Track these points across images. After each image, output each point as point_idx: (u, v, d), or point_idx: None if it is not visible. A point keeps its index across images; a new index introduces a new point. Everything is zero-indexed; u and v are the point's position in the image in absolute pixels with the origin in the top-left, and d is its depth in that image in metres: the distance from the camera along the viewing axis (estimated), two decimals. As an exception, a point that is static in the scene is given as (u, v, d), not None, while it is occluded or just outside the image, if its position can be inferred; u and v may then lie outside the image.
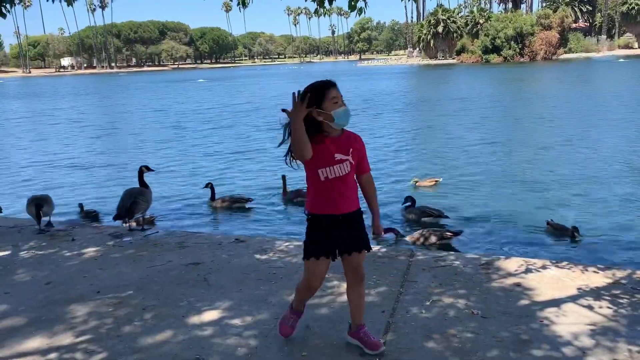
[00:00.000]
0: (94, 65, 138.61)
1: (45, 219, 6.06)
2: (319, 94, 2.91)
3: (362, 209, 3.16)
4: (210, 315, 3.79)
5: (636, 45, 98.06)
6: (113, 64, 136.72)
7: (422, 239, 6.68)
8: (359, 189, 3.17)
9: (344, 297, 3.66)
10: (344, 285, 3.40)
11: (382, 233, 3.24)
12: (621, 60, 67.96)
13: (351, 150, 3.03)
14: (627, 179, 9.90)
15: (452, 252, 5.18)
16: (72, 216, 8.28)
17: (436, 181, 9.85)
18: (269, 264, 4.74)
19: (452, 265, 4.59)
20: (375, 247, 5.15)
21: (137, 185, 6.49)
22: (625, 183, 9.65)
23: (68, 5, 5.20)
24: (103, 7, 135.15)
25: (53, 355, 3.30)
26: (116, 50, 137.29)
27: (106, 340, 3.46)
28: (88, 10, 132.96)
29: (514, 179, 10.33)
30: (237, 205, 8.83)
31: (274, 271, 4.57)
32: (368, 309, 3.75)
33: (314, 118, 2.91)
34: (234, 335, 3.48)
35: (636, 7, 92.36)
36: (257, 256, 4.97)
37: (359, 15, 5.16)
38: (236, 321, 3.68)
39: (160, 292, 4.21)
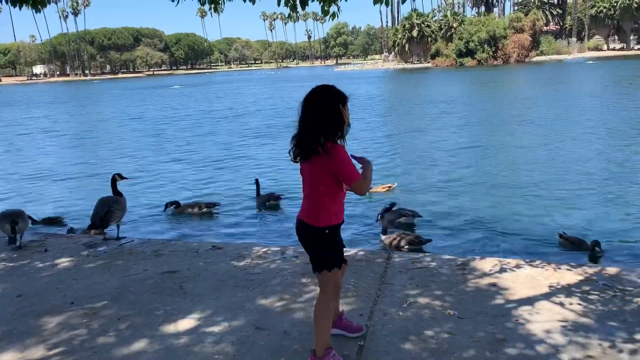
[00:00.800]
0: (67, 72, 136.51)
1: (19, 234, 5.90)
2: (345, 100, 2.94)
3: None
4: (187, 323, 3.75)
5: (605, 47, 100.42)
6: (87, 72, 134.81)
7: (395, 242, 6.74)
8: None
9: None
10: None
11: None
12: (590, 62, 69.46)
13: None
14: (598, 178, 10.11)
15: (429, 254, 5.22)
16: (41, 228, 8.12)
17: (390, 187, 9.89)
18: (247, 271, 4.72)
19: (428, 267, 4.63)
20: (353, 251, 5.18)
21: (111, 194, 6.40)
22: (596, 181, 9.85)
23: (36, 12, 5.10)
24: (75, 14, 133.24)
25: (25, 369, 3.24)
26: (90, 58, 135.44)
27: (80, 352, 3.40)
28: (60, 17, 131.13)
29: (488, 180, 10.47)
30: (204, 211, 8.78)
31: (251, 278, 4.54)
32: (347, 311, 3.76)
33: (346, 120, 2.94)
34: (211, 344, 3.45)
35: (604, 10, 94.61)
36: (235, 263, 4.94)
37: (332, 19, 5.18)
38: (213, 329, 3.65)
39: (136, 302, 4.15)
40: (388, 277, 4.44)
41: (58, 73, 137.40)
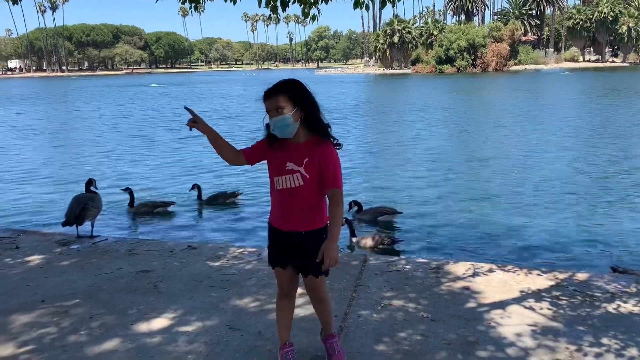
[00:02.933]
0: (44, 68, 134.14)
1: None
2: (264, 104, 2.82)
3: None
4: (160, 323, 3.72)
5: (581, 58, 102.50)
6: (64, 67, 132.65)
7: (366, 242, 6.79)
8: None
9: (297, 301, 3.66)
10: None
11: (334, 264, 2.78)
12: (567, 72, 70.84)
13: (306, 160, 2.78)
14: (570, 184, 10.31)
15: (404, 257, 5.27)
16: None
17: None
18: (222, 271, 4.70)
19: (403, 270, 4.67)
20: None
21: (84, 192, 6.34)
22: (569, 187, 10.05)
23: (13, 4, 5.01)
24: (54, 9, 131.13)
25: (-8, 367, 3.18)
26: (67, 54, 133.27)
27: (50, 351, 3.35)
28: (37, 11, 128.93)
29: (462, 185, 10.60)
30: (158, 210, 8.72)
31: (227, 278, 4.53)
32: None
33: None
34: (184, 343, 3.43)
35: (581, 22, 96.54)
36: (210, 263, 4.92)
37: (312, 22, 5.22)
38: (186, 329, 3.63)
39: (109, 301, 4.10)
40: (363, 279, 4.47)
41: (34, 68, 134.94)
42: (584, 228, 7.64)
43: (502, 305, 3.94)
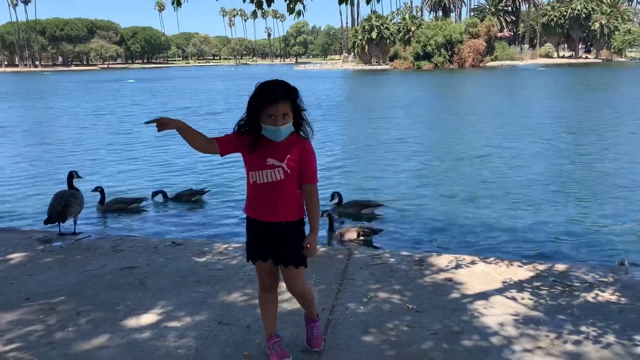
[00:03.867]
0: (16, 63, 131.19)
1: None
2: (259, 105, 2.79)
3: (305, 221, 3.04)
4: (148, 318, 3.73)
5: (555, 54, 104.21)
6: (37, 63, 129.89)
7: (347, 234, 6.88)
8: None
9: (284, 296, 3.71)
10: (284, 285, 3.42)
11: (314, 253, 2.99)
12: (542, 68, 71.97)
13: (288, 156, 2.86)
14: (550, 177, 10.53)
15: (388, 250, 5.35)
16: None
17: None
18: (208, 267, 4.71)
19: (387, 263, 4.75)
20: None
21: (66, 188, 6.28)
22: (549, 180, 10.26)
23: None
24: (26, 2, 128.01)
25: (-21, 365, 3.15)
26: (41, 48, 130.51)
27: (37, 348, 3.34)
28: (9, 4, 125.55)
29: (443, 179, 10.75)
30: (132, 206, 8.72)
31: (213, 273, 4.54)
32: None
33: (258, 120, 2.81)
34: (174, 338, 3.45)
35: (555, 19, 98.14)
36: (195, 259, 4.93)
37: (297, 17, 5.24)
38: (175, 324, 3.65)
39: (95, 297, 4.09)
40: (349, 273, 4.53)
41: (6, 63, 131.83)
42: (563, 221, 7.83)
43: (485, 296, 4.03)
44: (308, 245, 2.95)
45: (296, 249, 2.97)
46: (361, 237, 6.87)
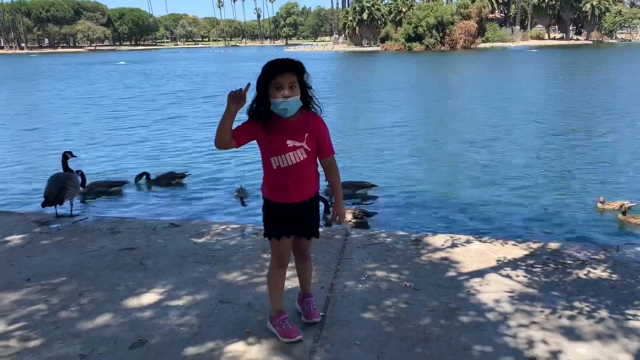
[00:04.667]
0: (1, 45, 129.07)
1: None
2: (267, 75, 2.82)
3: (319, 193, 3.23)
4: (150, 297, 3.78)
5: (546, 36, 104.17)
6: (23, 45, 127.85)
7: (348, 216, 6.95)
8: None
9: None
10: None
11: (344, 219, 3.19)
12: (534, 50, 71.99)
13: (306, 135, 2.93)
14: (543, 157, 10.64)
15: (384, 230, 5.40)
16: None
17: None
18: (207, 247, 4.76)
19: (384, 243, 4.81)
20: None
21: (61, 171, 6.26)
22: (542, 160, 10.38)
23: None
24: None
25: (-15, 344, 3.19)
26: (26, 30, 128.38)
27: (42, 327, 3.38)
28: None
29: (437, 159, 10.83)
30: (113, 189, 8.81)
31: (212, 254, 4.59)
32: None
33: (267, 96, 2.83)
34: (176, 316, 3.50)
35: (546, 1, 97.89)
36: (194, 240, 4.96)
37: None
38: (177, 302, 3.70)
39: (96, 278, 4.13)
40: (347, 252, 4.60)
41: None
42: (556, 200, 7.94)
43: (480, 273, 4.12)
44: (337, 217, 3.15)
45: (315, 221, 3.18)
46: (354, 220, 6.94)
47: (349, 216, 6.94)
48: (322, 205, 7.07)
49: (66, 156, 6.39)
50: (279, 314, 3.24)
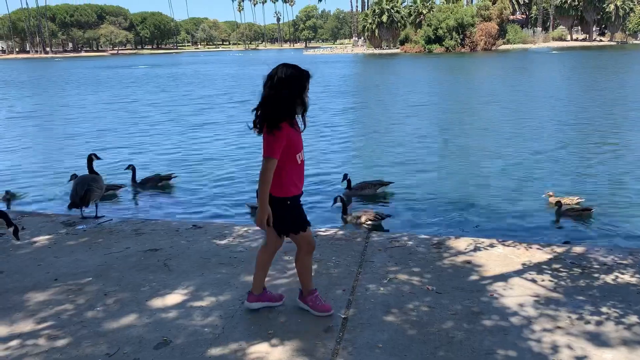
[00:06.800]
0: (27, 49, 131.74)
1: None
2: (307, 80, 3.20)
3: None
4: (174, 298, 3.82)
5: (569, 37, 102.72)
6: (48, 49, 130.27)
7: (357, 219, 6.94)
8: None
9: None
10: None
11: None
12: (555, 52, 71.02)
13: (301, 129, 3.38)
14: (561, 162, 10.49)
15: (405, 233, 5.38)
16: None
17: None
18: (229, 249, 4.80)
19: (406, 246, 4.80)
20: (332, 230, 5.32)
21: (87, 173, 6.37)
22: (559, 165, 10.23)
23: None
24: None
25: (15, 342, 3.26)
26: (51, 34, 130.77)
27: (69, 326, 3.44)
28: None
29: (458, 162, 10.74)
30: (107, 193, 8.74)
31: (235, 255, 4.63)
32: (329, 287, 3.91)
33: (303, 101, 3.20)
34: (200, 317, 3.54)
35: (568, 1, 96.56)
36: (217, 241, 5.01)
37: (320, 1, 5.23)
38: (200, 303, 3.73)
39: (121, 278, 4.19)
40: (368, 255, 4.59)
41: (17, 50, 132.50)
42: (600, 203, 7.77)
43: (503, 277, 4.08)
44: None
45: None
46: (369, 222, 6.92)
47: (365, 218, 6.92)
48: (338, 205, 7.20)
49: (91, 158, 6.50)
50: (312, 291, 3.55)
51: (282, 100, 3.10)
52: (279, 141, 3.11)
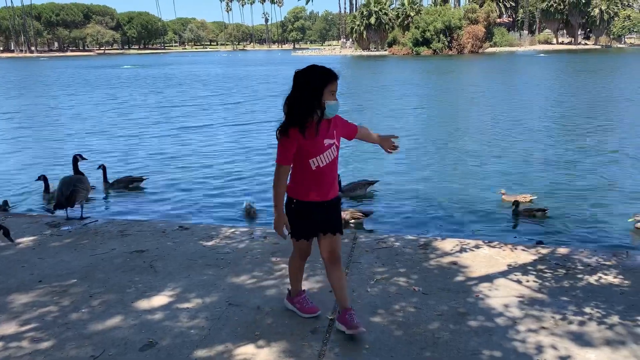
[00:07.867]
0: (12, 48, 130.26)
1: None
2: (322, 82, 3.05)
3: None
4: (160, 300, 3.80)
5: (554, 40, 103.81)
6: (33, 48, 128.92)
7: (346, 216, 6.98)
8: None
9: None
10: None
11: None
12: (541, 55, 71.75)
13: (335, 132, 3.19)
14: (552, 161, 10.61)
15: (392, 234, 5.41)
16: None
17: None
18: (216, 250, 4.78)
19: (393, 247, 4.82)
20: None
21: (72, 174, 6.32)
22: (550, 164, 10.34)
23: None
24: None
25: (-2, 344, 3.23)
26: (36, 34, 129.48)
27: (53, 328, 3.41)
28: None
29: (444, 164, 10.82)
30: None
31: (221, 257, 4.61)
32: (316, 290, 3.91)
33: (321, 103, 3.03)
34: (186, 319, 3.52)
35: (554, 5, 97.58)
36: (203, 243, 4.99)
37: (307, 2, 5.25)
38: (186, 305, 3.72)
39: (106, 280, 4.16)
40: (355, 256, 4.61)
41: (1, 49, 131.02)
42: (565, 205, 7.91)
43: (489, 278, 4.11)
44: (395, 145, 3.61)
45: (339, 217, 3.34)
46: (353, 221, 6.99)
47: (346, 217, 6.95)
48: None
49: (77, 159, 6.46)
50: (300, 292, 3.57)
51: (291, 107, 3.05)
52: (286, 148, 3.06)
